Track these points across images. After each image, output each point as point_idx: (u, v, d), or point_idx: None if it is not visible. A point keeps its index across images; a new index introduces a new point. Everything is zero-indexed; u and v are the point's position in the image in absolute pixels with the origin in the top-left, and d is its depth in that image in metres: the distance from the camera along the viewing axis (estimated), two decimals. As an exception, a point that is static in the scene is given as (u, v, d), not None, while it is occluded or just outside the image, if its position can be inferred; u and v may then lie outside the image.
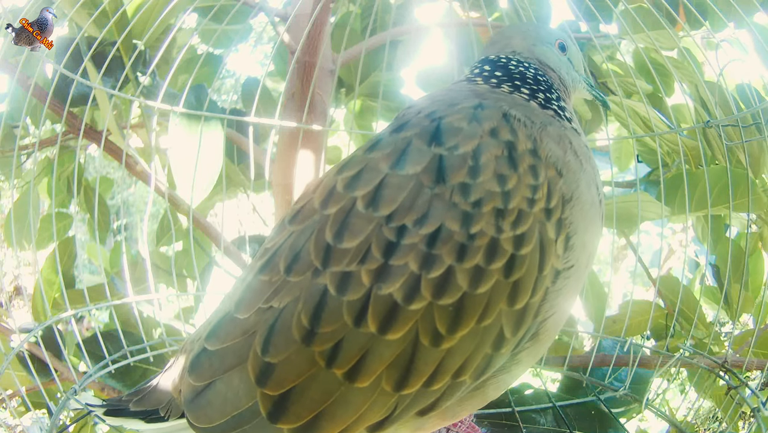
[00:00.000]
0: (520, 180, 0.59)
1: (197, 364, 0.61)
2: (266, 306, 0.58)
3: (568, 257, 0.61)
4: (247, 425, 0.57)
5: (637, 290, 2.51)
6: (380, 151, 0.62)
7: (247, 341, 0.58)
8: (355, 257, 0.56)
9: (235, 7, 1.38)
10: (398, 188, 0.58)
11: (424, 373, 0.56)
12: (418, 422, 0.61)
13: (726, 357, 1.04)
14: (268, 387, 0.56)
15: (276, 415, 0.56)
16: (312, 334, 0.55)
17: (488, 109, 0.64)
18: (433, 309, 0.55)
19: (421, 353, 0.55)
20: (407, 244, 0.55)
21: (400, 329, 0.54)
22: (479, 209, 0.56)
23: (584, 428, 1.04)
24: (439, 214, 0.56)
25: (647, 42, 1.34)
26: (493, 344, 0.57)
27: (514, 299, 0.57)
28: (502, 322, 0.57)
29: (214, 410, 0.58)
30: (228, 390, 0.58)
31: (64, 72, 1.02)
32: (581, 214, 0.63)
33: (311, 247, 0.58)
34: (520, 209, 0.58)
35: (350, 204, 0.58)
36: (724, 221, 1.47)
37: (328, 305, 0.55)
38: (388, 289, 0.55)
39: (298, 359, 0.55)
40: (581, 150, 0.69)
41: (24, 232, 1.64)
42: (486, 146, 0.60)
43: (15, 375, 1.13)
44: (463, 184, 0.57)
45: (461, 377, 0.57)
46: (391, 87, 1.74)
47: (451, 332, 0.55)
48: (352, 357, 0.55)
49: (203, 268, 1.72)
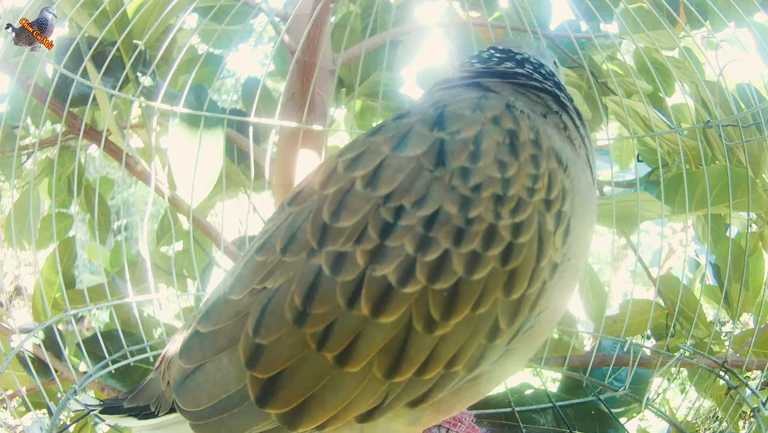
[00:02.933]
0: (520, 168, 0.58)
1: (188, 346, 0.60)
2: (260, 287, 0.58)
3: (566, 250, 0.61)
4: (235, 408, 0.57)
5: (638, 289, 2.51)
6: (382, 135, 0.61)
7: (239, 323, 0.57)
8: (351, 237, 0.55)
9: (235, 7, 1.38)
10: (398, 169, 0.57)
11: (417, 360, 0.55)
12: (412, 416, 0.60)
13: (726, 357, 1.04)
14: (258, 370, 0.55)
15: (265, 399, 0.55)
16: (304, 315, 0.54)
17: (492, 99, 0.65)
18: (427, 293, 0.54)
19: (414, 339, 0.54)
20: (404, 225, 0.55)
21: (394, 313, 0.54)
22: (478, 194, 0.56)
23: (584, 428, 1.04)
24: (438, 197, 0.56)
25: (647, 42, 1.34)
26: (488, 335, 0.57)
27: (510, 289, 0.56)
28: (498, 312, 0.56)
29: (202, 393, 0.58)
30: (217, 372, 0.58)
31: (64, 72, 1.02)
32: (580, 207, 0.63)
33: (308, 226, 0.58)
34: (519, 197, 0.57)
35: (349, 184, 0.58)
36: (725, 220, 1.47)
37: (321, 285, 0.55)
38: (382, 270, 0.54)
39: (289, 340, 0.55)
40: (574, 134, 0.70)
41: (24, 232, 1.64)
42: (488, 132, 0.59)
43: (15, 375, 1.13)
44: (463, 168, 0.57)
45: (454, 367, 0.57)
46: (391, 87, 1.75)
47: (445, 318, 0.55)
48: (343, 340, 0.54)
49: (203, 268, 1.72)
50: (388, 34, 1.43)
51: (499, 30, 1.48)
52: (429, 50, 1.80)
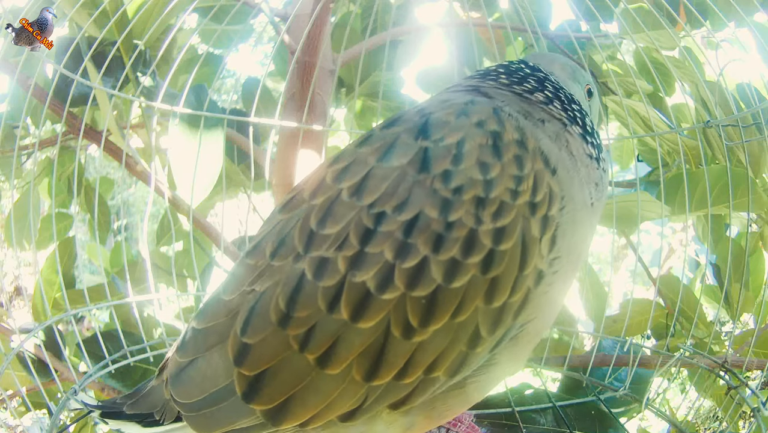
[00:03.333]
0: (503, 169, 0.57)
1: (184, 341, 0.63)
2: (249, 289, 0.60)
3: (554, 259, 0.59)
4: (224, 403, 0.59)
5: (638, 289, 2.51)
6: (370, 146, 0.62)
7: (229, 322, 0.60)
8: (334, 243, 0.56)
9: (235, 7, 1.38)
10: (383, 178, 0.58)
11: (395, 365, 0.56)
12: (406, 422, 0.61)
13: (726, 357, 1.04)
14: (245, 367, 0.57)
15: (250, 395, 0.57)
16: (287, 317, 0.56)
17: (479, 104, 0.64)
18: (405, 300, 0.54)
19: (392, 344, 0.55)
20: (384, 231, 0.55)
21: (372, 318, 0.54)
22: (459, 196, 0.55)
23: (584, 428, 1.04)
24: (419, 201, 0.56)
25: (647, 42, 1.34)
26: (469, 342, 0.57)
27: (491, 297, 0.56)
28: (478, 320, 0.56)
29: (194, 386, 0.60)
30: (208, 367, 0.60)
31: (64, 72, 1.02)
32: (571, 216, 0.61)
33: (296, 233, 0.59)
34: (502, 200, 0.56)
35: (336, 194, 0.59)
36: (725, 220, 1.47)
37: (304, 289, 0.56)
38: (362, 277, 0.55)
39: (273, 341, 0.56)
40: (578, 152, 0.68)
41: (24, 232, 1.64)
42: (470, 135, 0.59)
43: (15, 375, 1.13)
44: (445, 171, 0.56)
45: (434, 373, 0.57)
46: (391, 87, 1.74)
47: (423, 325, 0.55)
48: (323, 343, 0.55)
49: (203, 268, 1.72)
50: (388, 34, 1.43)
51: (499, 30, 1.48)
52: (429, 50, 1.80)
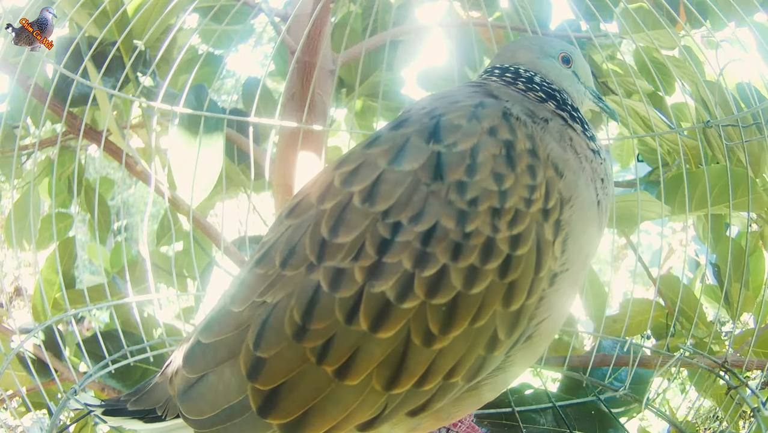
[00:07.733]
0: (517, 180, 0.58)
1: (191, 356, 0.61)
2: (260, 300, 0.58)
3: (566, 259, 0.60)
4: (238, 418, 0.58)
5: (638, 289, 2.51)
6: (379, 147, 0.61)
7: (240, 335, 0.58)
8: (349, 253, 0.56)
9: (235, 7, 1.38)
10: (395, 184, 0.57)
11: (415, 373, 0.55)
12: (412, 423, 0.61)
13: (726, 357, 1.04)
14: (259, 382, 0.56)
15: (266, 410, 0.56)
16: (303, 330, 0.55)
17: (489, 107, 0.64)
18: (425, 308, 0.54)
19: (413, 352, 0.55)
20: (401, 241, 0.55)
21: (392, 328, 0.54)
22: (475, 208, 0.56)
23: (584, 428, 1.04)
24: (435, 212, 0.56)
25: (647, 41, 1.34)
26: (487, 346, 0.57)
27: (509, 301, 0.56)
28: (497, 323, 0.56)
29: (205, 403, 0.59)
30: (219, 383, 0.59)
31: (64, 72, 1.02)
32: (579, 216, 0.62)
33: (307, 241, 0.58)
34: (516, 209, 0.57)
35: (347, 199, 0.58)
36: (725, 220, 1.47)
37: (320, 301, 0.55)
38: (380, 287, 0.54)
39: (289, 354, 0.55)
40: (581, 148, 0.69)
41: (24, 232, 1.64)
42: (484, 144, 0.59)
43: (15, 375, 1.13)
44: (459, 182, 0.57)
45: (453, 378, 0.57)
46: (391, 87, 1.74)
47: (443, 332, 0.55)
48: (342, 355, 0.55)
49: (203, 268, 1.72)
50: (389, 34, 1.43)
51: (499, 30, 1.48)
52: (429, 50, 1.80)
